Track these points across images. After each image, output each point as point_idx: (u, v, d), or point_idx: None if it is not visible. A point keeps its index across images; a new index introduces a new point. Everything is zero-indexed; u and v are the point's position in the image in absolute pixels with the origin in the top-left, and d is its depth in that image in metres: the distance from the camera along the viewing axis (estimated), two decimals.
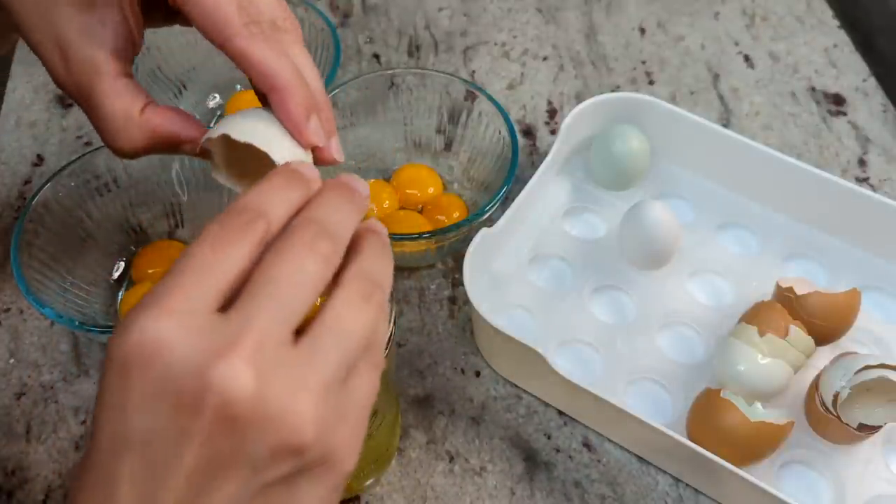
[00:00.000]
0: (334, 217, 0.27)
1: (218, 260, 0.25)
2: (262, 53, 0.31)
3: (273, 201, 0.27)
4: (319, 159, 0.33)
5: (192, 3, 0.31)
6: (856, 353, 0.48)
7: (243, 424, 0.23)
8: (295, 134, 0.32)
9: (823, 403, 0.46)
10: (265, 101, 0.33)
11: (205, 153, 0.33)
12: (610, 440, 0.49)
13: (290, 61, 0.32)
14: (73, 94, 0.33)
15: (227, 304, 0.25)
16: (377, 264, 0.28)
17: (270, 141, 0.31)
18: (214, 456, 0.23)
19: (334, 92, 0.56)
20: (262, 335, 0.24)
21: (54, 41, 0.32)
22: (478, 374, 0.52)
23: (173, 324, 0.23)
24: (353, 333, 0.26)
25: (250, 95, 0.64)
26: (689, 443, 0.43)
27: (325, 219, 0.27)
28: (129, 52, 0.34)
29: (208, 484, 0.23)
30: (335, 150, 0.34)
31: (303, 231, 0.26)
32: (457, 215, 0.57)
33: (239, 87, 0.66)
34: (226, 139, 0.31)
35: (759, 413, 0.45)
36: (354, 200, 0.29)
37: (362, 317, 0.26)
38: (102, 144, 0.52)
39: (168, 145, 0.34)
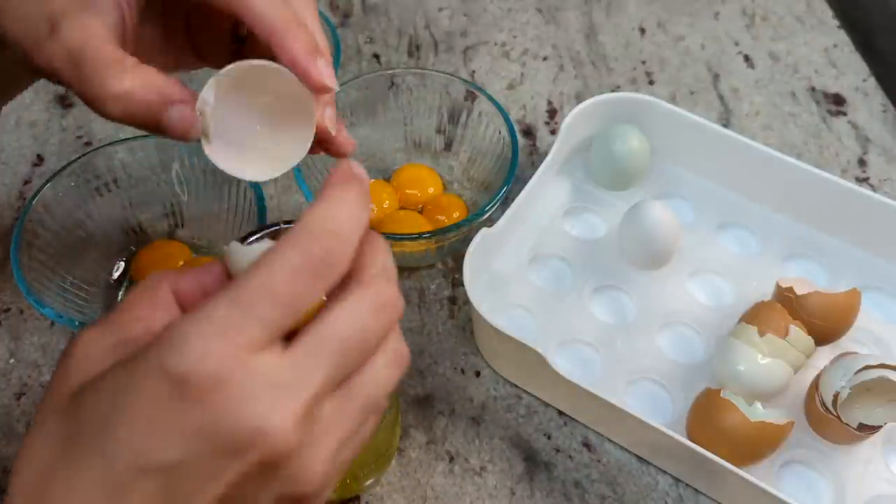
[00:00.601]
0: (392, 266, 0.28)
1: (298, 297, 0.24)
2: (261, 1, 0.31)
3: (354, 230, 0.26)
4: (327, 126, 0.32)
5: None
6: (856, 353, 0.48)
7: (273, 474, 0.24)
8: (302, 76, 0.30)
9: (823, 403, 0.46)
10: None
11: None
12: (610, 440, 0.49)
13: (291, 8, 0.31)
14: (57, 61, 0.31)
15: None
16: (401, 340, 0.28)
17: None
18: (235, 495, 0.24)
19: None
20: (317, 394, 0.24)
21: (45, 15, 0.31)
22: (478, 374, 0.52)
23: (241, 360, 0.23)
24: (380, 396, 0.27)
25: None
26: (689, 443, 0.43)
27: (391, 271, 0.27)
28: (123, 39, 0.33)
29: None
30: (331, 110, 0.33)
31: (381, 290, 0.26)
32: (457, 215, 0.57)
33: None
34: (227, 93, 0.30)
35: (759, 413, 0.45)
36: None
37: (391, 381, 0.27)
38: (102, 144, 0.52)
39: (158, 103, 0.31)
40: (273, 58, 0.31)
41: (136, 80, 0.30)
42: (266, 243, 0.28)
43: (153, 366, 0.23)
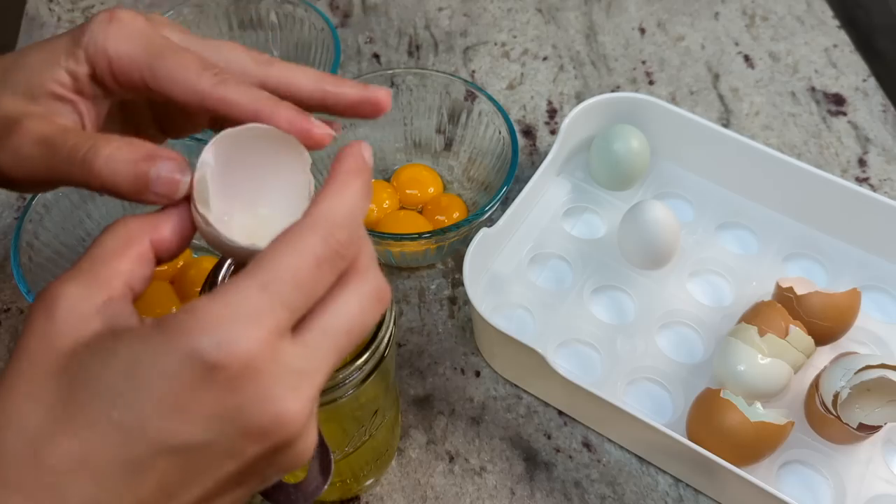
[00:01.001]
0: (375, 254, 0.29)
1: (318, 285, 0.25)
2: (235, 93, 0.30)
3: (360, 221, 0.27)
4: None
5: (161, 77, 0.30)
6: (856, 353, 0.48)
7: (283, 453, 0.25)
8: (302, 137, 0.30)
9: (823, 403, 0.46)
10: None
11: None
12: (610, 440, 0.49)
13: (257, 90, 0.30)
14: (27, 147, 0.29)
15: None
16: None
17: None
18: (246, 471, 0.25)
19: None
20: (321, 380, 0.25)
21: (1, 119, 0.30)
22: (478, 374, 0.52)
23: (270, 346, 0.24)
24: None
25: None
26: (689, 443, 0.43)
27: (376, 259, 0.28)
28: None
29: (225, 489, 0.25)
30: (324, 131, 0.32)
31: (376, 279, 0.27)
32: (457, 215, 0.57)
33: None
34: (221, 159, 0.29)
35: (759, 413, 0.45)
36: None
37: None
38: None
39: (146, 160, 0.29)
40: None
41: (122, 142, 0.28)
42: None
43: (182, 349, 0.23)
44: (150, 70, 0.30)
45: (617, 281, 0.55)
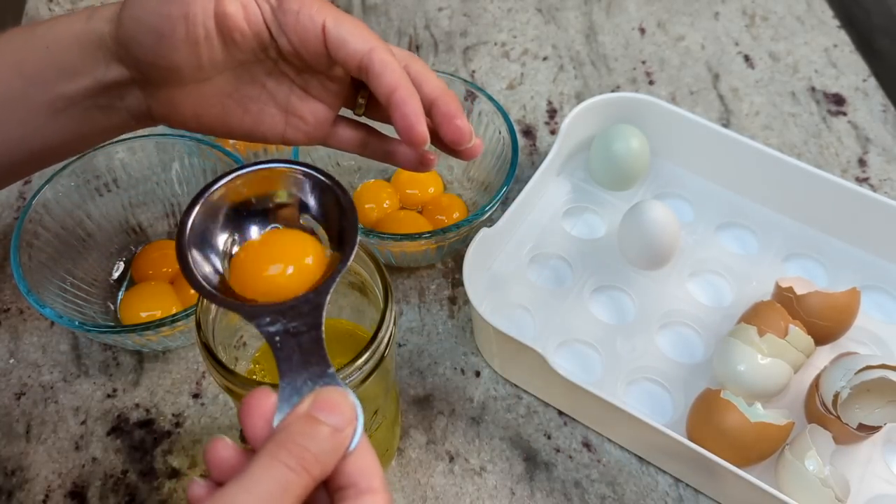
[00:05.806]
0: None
1: None
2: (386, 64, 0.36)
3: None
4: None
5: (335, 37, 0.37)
6: (856, 353, 0.48)
7: None
8: (409, 137, 0.36)
9: (823, 403, 0.46)
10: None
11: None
12: (610, 440, 0.49)
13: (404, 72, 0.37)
14: None
15: None
16: None
17: None
18: None
19: None
20: None
21: None
22: (478, 374, 0.52)
23: None
24: None
25: None
26: (689, 443, 0.43)
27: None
28: None
29: None
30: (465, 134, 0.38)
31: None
32: (457, 215, 0.57)
33: None
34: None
35: (759, 413, 0.45)
36: None
37: None
38: (102, 144, 0.52)
39: None
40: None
41: None
42: None
43: None
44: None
45: (617, 281, 0.55)
